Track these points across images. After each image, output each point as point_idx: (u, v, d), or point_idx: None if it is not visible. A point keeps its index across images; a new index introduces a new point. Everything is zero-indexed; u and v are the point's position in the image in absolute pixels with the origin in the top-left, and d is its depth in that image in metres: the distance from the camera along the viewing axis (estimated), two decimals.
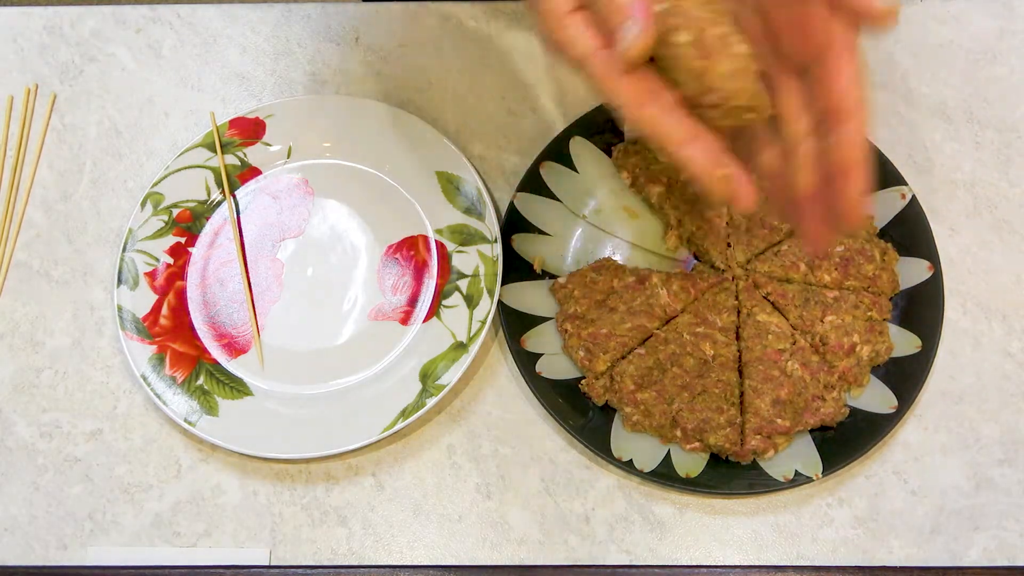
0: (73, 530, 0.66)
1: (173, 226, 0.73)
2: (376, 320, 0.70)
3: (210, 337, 0.70)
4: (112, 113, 0.78)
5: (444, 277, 0.71)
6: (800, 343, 0.67)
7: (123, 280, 0.71)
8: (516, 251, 0.71)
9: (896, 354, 0.67)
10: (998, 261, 0.71)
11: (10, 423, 0.69)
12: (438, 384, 0.66)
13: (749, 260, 0.70)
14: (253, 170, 0.75)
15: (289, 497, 0.66)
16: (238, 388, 0.68)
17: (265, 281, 0.72)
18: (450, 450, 0.67)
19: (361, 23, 0.80)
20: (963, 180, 0.74)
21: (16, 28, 0.81)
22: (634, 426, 0.65)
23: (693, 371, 0.66)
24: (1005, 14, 0.79)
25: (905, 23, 0.79)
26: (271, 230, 0.73)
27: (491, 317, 0.67)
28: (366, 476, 0.67)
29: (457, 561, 0.64)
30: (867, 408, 0.66)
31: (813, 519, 0.65)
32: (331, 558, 0.65)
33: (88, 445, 0.68)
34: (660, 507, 0.65)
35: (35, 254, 0.74)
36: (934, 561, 0.63)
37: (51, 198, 0.75)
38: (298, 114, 0.75)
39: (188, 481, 0.67)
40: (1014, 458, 0.66)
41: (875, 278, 0.68)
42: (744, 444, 0.64)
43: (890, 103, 0.76)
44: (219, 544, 0.65)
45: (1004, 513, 0.64)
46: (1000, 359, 0.68)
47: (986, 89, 0.77)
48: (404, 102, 0.77)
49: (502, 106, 0.77)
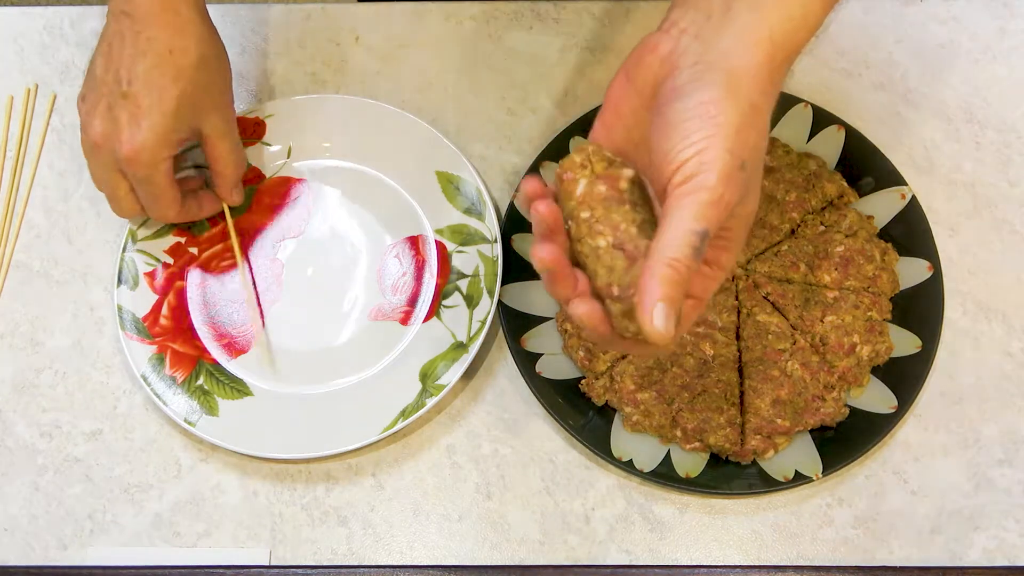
0: (73, 530, 0.66)
1: (173, 226, 0.73)
2: (376, 320, 0.70)
3: (210, 337, 0.70)
4: None
5: (444, 277, 0.71)
6: (800, 343, 0.67)
7: (123, 280, 0.71)
8: (516, 251, 0.71)
9: (896, 354, 0.67)
10: (998, 261, 0.71)
11: (10, 423, 0.69)
12: (438, 384, 0.66)
13: (749, 260, 0.70)
14: (253, 170, 0.75)
15: (289, 497, 0.66)
16: (238, 388, 0.68)
17: (265, 281, 0.72)
18: (450, 450, 0.67)
19: (361, 23, 0.80)
20: (963, 180, 0.74)
21: (16, 28, 0.81)
22: (634, 426, 0.65)
23: (693, 371, 0.66)
24: (1005, 14, 0.79)
25: (905, 23, 0.79)
26: (271, 230, 0.73)
27: (491, 317, 0.67)
28: (366, 476, 0.67)
29: (457, 561, 0.64)
30: (867, 408, 0.66)
31: (813, 519, 0.65)
32: (331, 558, 0.65)
33: (88, 445, 0.68)
34: (660, 507, 0.65)
35: (35, 254, 0.74)
36: (934, 561, 0.63)
37: (51, 198, 0.75)
38: (298, 114, 0.75)
39: (188, 481, 0.67)
40: (1014, 458, 0.66)
41: (875, 278, 0.68)
42: (744, 444, 0.64)
43: (890, 103, 0.76)
44: (219, 544, 0.65)
45: (1004, 513, 0.64)
46: (1000, 359, 0.68)
47: (986, 89, 0.77)
48: (404, 102, 0.77)
49: (502, 106, 0.77)
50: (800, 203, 0.70)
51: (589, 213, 0.49)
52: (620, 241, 0.48)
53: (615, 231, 0.49)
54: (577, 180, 0.50)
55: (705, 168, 0.46)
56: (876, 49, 0.78)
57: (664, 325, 0.45)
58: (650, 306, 0.45)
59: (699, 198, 0.46)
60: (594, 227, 0.49)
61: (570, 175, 0.51)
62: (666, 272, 0.45)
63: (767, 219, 0.70)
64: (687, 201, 0.46)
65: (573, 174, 0.51)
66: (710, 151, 0.46)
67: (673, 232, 0.46)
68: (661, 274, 0.45)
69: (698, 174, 0.46)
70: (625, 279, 0.48)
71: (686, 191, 0.46)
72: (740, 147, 0.47)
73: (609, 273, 0.49)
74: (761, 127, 0.49)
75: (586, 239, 0.49)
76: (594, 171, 0.50)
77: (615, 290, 0.48)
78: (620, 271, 0.48)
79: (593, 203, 0.50)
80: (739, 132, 0.47)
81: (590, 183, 0.50)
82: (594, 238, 0.49)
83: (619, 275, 0.48)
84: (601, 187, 0.50)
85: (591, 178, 0.50)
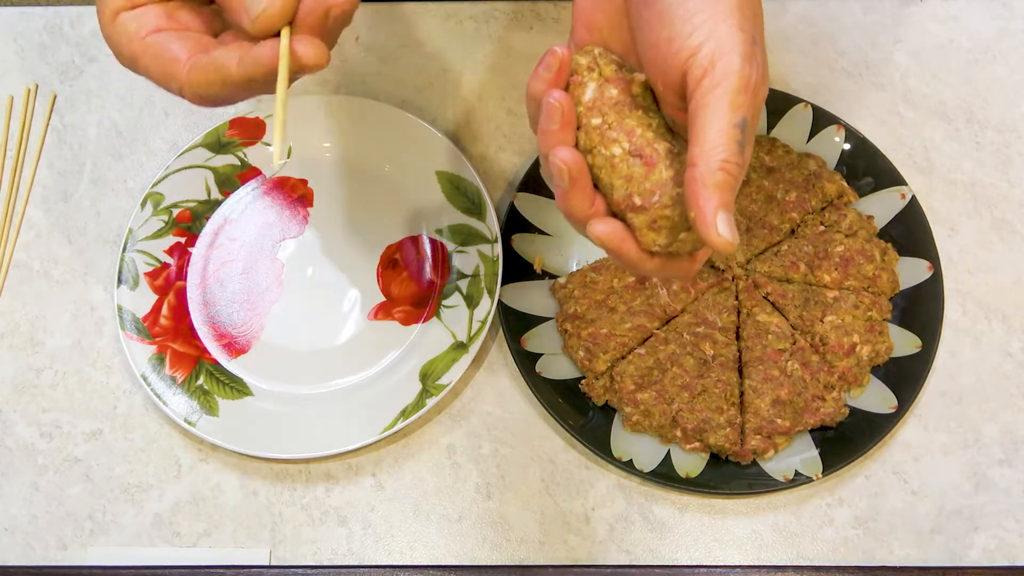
0: (73, 530, 0.66)
1: (173, 226, 0.73)
2: (376, 320, 0.70)
3: (210, 337, 0.70)
4: (112, 113, 0.78)
5: (444, 277, 0.71)
6: (800, 343, 0.67)
7: (123, 280, 0.71)
8: (516, 251, 0.71)
9: (896, 354, 0.67)
10: (998, 261, 0.71)
11: (10, 423, 0.69)
12: (438, 384, 0.66)
13: (749, 260, 0.70)
14: (253, 170, 0.75)
15: (289, 497, 0.66)
16: (238, 388, 0.68)
17: (265, 281, 0.72)
18: (450, 450, 0.67)
19: (361, 23, 0.80)
20: (963, 180, 0.74)
21: (16, 28, 0.81)
22: (634, 426, 0.65)
23: (693, 371, 0.66)
24: (1005, 14, 0.79)
25: (905, 23, 0.79)
26: (271, 230, 0.73)
27: (491, 317, 0.67)
28: (366, 476, 0.67)
29: (457, 561, 0.64)
30: (867, 408, 0.66)
31: (813, 519, 0.65)
32: (331, 558, 0.65)
33: (88, 445, 0.68)
34: (660, 507, 0.65)
35: (35, 254, 0.74)
36: (934, 561, 0.63)
37: (51, 198, 0.75)
38: (298, 114, 0.75)
39: (188, 481, 0.67)
40: (1014, 458, 0.66)
41: (875, 278, 0.68)
42: (744, 444, 0.64)
43: (890, 103, 0.76)
44: (219, 544, 0.65)
45: (1004, 513, 0.64)
46: (1000, 359, 0.68)
47: (986, 89, 0.77)
48: (404, 102, 0.77)
49: (502, 106, 0.77)
50: (800, 203, 0.70)
51: (600, 119, 0.45)
52: (637, 147, 0.44)
53: (630, 137, 0.45)
54: (585, 84, 0.46)
55: (723, 52, 0.42)
56: (876, 49, 0.78)
57: (730, 232, 0.41)
58: (711, 217, 0.41)
59: (729, 86, 0.42)
60: (607, 134, 0.45)
61: (576, 78, 0.46)
62: (719, 177, 0.41)
63: (767, 219, 0.70)
64: (718, 93, 0.42)
65: (580, 77, 0.46)
66: (721, 32, 0.42)
67: (713, 131, 0.42)
68: (714, 181, 0.41)
69: (718, 60, 0.42)
70: (645, 187, 0.44)
71: (713, 82, 0.42)
72: (746, 22, 0.43)
73: (628, 183, 0.44)
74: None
75: (599, 148, 0.45)
76: (602, 74, 0.46)
77: (636, 200, 0.44)
78: (639, 179, 0.44)
79: (605, 108, 0.45)
80: (740, 6, 0.43)
81: (600, 87, 0.46)
82: (608, 146, 0.45)
83: (639, 183, 0.44)
84: (613, 91, 0.46)
85: (600, 81, 0.46)
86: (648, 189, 0.44)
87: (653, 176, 0.44)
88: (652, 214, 0.44)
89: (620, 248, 0.45)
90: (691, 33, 0.43)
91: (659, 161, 0.44)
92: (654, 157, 0.44)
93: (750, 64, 0.43)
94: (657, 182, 0.44)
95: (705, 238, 0.42)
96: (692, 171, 0.42)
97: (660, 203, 0.44)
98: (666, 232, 0.45)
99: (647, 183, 0.44)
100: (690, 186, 0.42)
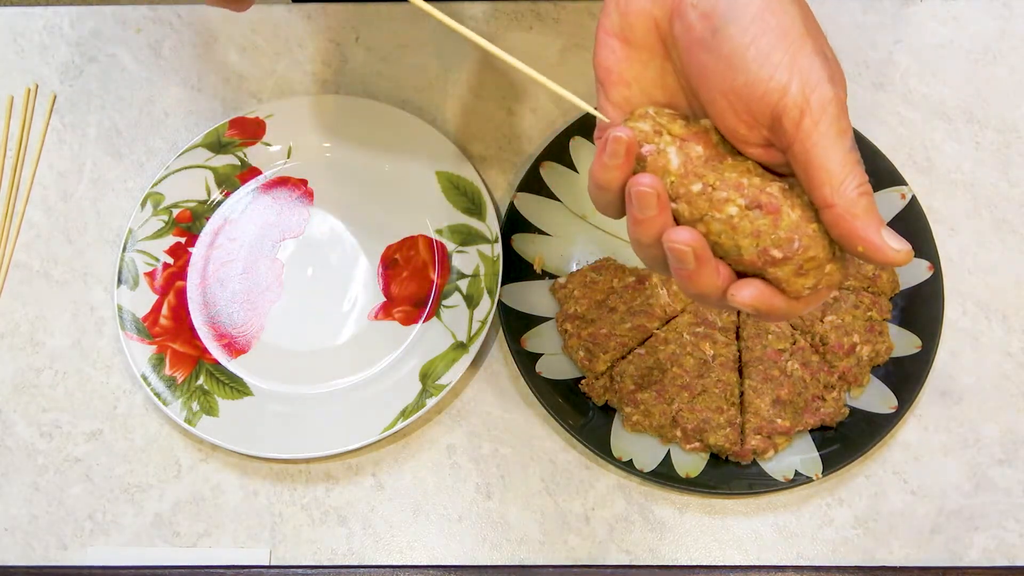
0: (73, 530, 0.66)
1: (173, 226, 0.73)
2: (376, 320, 0.70)
3: (210, 337, 0.70)
4: (112, 113, 0.78)
5: (444, 277, 0.71)
6: (800, 343, 0.67)
7: (123, 280, 0.71)
8: (516, 251, 0.71)
9: (896, 354, 0.67)
10: (998, 261, 0.71)
11: (10, 423, 0.69)
12: (438, 384, 0.66)
13: None
14: (253, 170, 0.75)
15: (289, 497, 0.66)
16: (238, 388, 0.68)
17: (265, 281, 0.72)
18: (450, 450, 0.67)
19: (361, 23, 0.80)
20: (963, 180, 0.74)
21: (16, 28, 0.81)
22: (634, 426, 0.65)
23: (693, 371, 0.66)
24: (1005, 14, 0.79)
25: (905, 23, 0.79)
26: (271, 230, 0.73)
27: (491, 317, 0.67)
28: (366, 476, 0.67)
29: (457, 561, 0.64)
30: (867, 408, 0.66)
31: (813, 519, 0.65)
32: (331, 558, 0.65)
33: (88, 445, 0.68)
34: (660, 507, 0.65)
35: (35, 254, 0.74)
36: (934, 561, 0.63)
37: (51, 198, 0.75)
38: (298, 114, 0.75)
39: (188, 481, 0.67)
40: (1014, 458, 0.66)
41: (875, 278, 0.68)
42: (744, 444, 0.64)
43: (890, 103, 0.76)
44: (219, 544, 0.65)
45: (1004, 513, 0.64)
46: (1000, 359, 0.68)
47: (986, 89, 0.77)
48: (404, 102, 0.77)
49: (502, 106, 0.77)
50: None
51: (701, 184, 0.42)
52: (753, 199, 0.41)
53: (740, 191, 0.41)
54: (664, 151, 0.42)
55: (813, 85, 0.41)
56: (876, 49, 0.78)
57: (900, 243, 0.41)
58: (881, 241, 0.41)
59: (831, 117, 0.41)
60: (714, 197, 0.42)
61: (650, 147, 0.43)
62: (863, 203, 0.41)
63: None
64: (823, 128, 0.41)
65: (654, 146, 0.42)
66: (803, 65, 0.42)
67: (835, 163, 0.41)
68: (862, 208, 0.41)
69: (811, 95, 0.41)
70: (780, 236, 0.41)
71: (814, 119, 0.41)
72: (816, 43, 0.43)
73: (757, 239, 0.41)
74: (804, 6, 0.44)
75: (711, 214, 0.42)
76: (672, 133, 0.43)
77: (776, 253, 0.41)
78: (768, 231, 0.41)
79: (699, 171, 0.42)
80: (808, 30, 0.42)
81: (682, 149, 0.42)
82: (721, 209, 0.41)
83: (769, 235, 0.41)
84: (697, 148, 0.42)
85: (678, 143, 0.43)
86: (784, 238, 0.41)
87: (783, 223, 0.42)
88: (797, 261, 0.42)
89: (771, 305, 0.43)
90: (772, 75, 0.42)
91: (781, 205, 0.42)
92: (774, 203, 0.42)
93: (837, 84, 0.42)
94: (789, 227, 0.41)
95: (884, 262, 0.41)
96: (834, 211, 0.41)
97: (802, 247, 0.42)
98: (813, 272, 0.42)
99: (780, 232, 0.41)
100: (842, 225, 0.41)
